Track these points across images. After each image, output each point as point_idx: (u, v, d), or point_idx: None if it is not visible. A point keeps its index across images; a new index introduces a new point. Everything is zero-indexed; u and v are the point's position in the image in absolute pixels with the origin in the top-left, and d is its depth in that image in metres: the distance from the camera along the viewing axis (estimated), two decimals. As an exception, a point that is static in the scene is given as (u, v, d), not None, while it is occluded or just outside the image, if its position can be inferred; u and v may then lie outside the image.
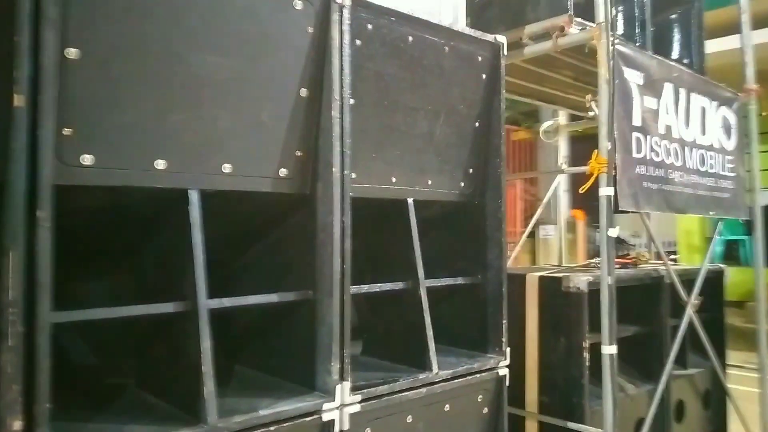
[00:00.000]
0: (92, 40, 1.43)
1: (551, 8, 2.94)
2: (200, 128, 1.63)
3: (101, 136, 1.47)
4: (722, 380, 3.73)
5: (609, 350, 2.58)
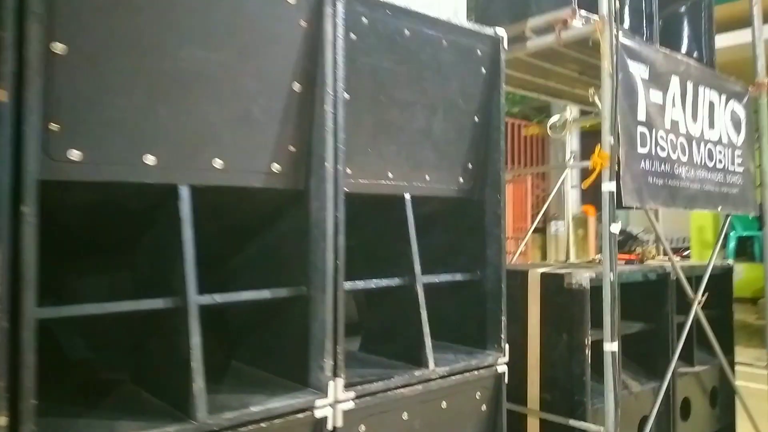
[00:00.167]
0: (79, 35, 1.42)
1: (555, 1, 2.90)
2: (190, 123, 1.61)
3: (89, 132, 1.46)
4: (730, 377, 3.67)
5: (611, 347, 2.55)
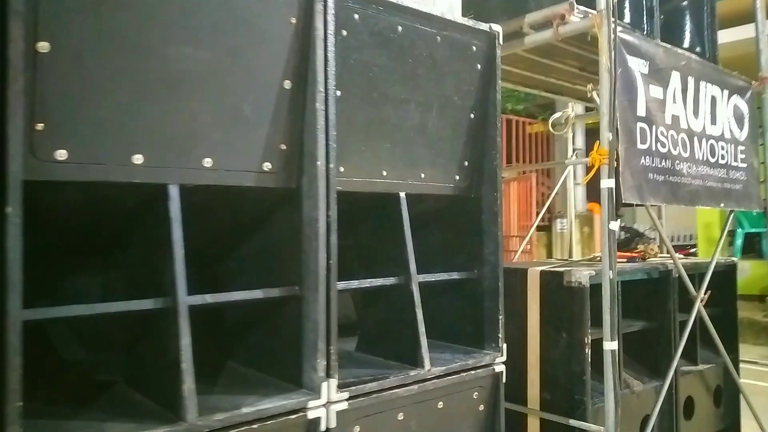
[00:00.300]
0: (64, 33, 1.41)
1: (553, -4, 2.87)
2: (178, 122, 1.60)
3: (75, 131, 1.45)
4: (734, 376, 3.63)
5: (610, 346, 2.52)
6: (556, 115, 4.87)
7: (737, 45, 5.68)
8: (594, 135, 2.68)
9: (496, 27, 2.35)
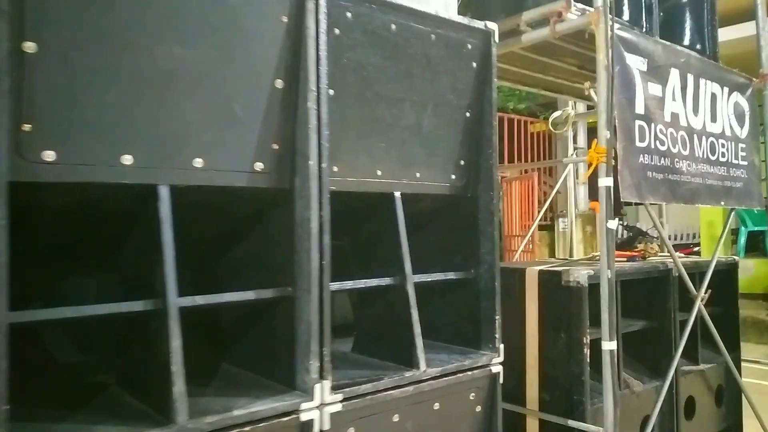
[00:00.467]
0: (50, 33, 1.39)
1: (550, -7, 2.85)
2: (168, 122, 1.58)
3: (63, 132, 1.43)
4: (735, 375, 3.61)
5: (609, 346, 2.50)
6: (556, 114, 4.86)
7: (739, 42, 5.65)
8: (595, 133, 2.66)
9: (492, 25, 2.33)
